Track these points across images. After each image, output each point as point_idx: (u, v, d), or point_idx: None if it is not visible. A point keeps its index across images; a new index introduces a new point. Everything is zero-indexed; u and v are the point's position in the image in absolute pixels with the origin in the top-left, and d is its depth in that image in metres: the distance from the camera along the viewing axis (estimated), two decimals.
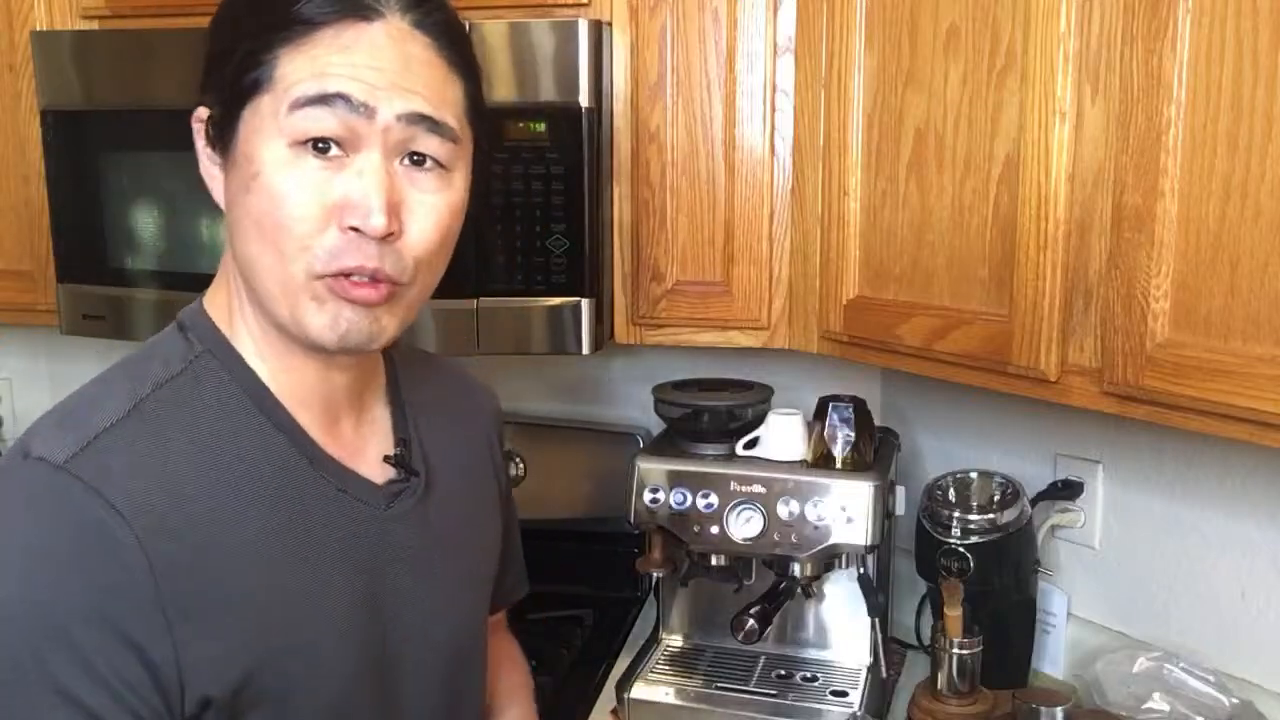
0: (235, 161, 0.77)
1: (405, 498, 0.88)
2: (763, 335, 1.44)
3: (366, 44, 0.74)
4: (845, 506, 1.31)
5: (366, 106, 0.74)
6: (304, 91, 0.73)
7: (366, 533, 0.85)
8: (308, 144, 0.74)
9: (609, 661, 1.56)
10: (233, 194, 0.78)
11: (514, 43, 1.32)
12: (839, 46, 1.29)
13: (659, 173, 1.42)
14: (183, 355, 0.81)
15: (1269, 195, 0.86)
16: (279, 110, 0.74)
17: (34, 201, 1.55)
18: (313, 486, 0.82)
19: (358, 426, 0.88)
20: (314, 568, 0.81)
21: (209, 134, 0.79)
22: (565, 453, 1.80)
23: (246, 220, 0.76)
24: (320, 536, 0.81)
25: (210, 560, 0.75)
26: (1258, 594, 1.26)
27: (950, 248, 1.19)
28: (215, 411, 0.79)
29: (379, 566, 0.85)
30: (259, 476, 0.79)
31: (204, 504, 0.75)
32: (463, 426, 1.01)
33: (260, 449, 0.79)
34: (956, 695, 1.37)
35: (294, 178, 0.74)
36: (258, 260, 0.76)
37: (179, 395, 0.78)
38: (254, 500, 0.78)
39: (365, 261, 0.75)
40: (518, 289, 1.37)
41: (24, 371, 2.04)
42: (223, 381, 0.80)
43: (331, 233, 0.74)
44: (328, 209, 0.74)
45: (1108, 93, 1.00)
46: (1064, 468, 1.46)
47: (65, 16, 1.53)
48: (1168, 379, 0.94)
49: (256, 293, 0.79)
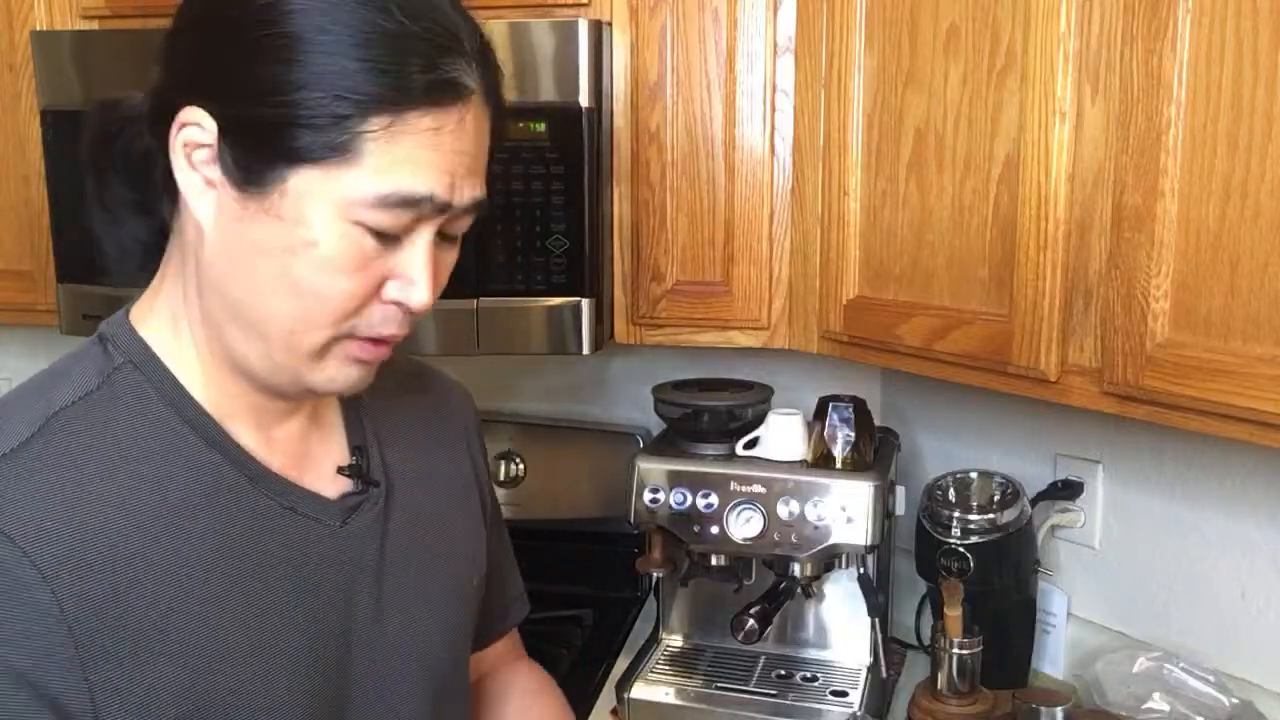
0: (277, 215, 0.69)
1: (364, 511, 0.83)
2: (763, 335, 1.44)
3: (454, 127, 0.70)
4: (845, 506, 1.31)
5: (447, 204, 0.71)
6: (395, 189, 0.68)
7: (321, 552, 0.79)
8: (373, 229, 0.70)
9: (609, 661, 1.56)
10: (257, 241, 0.70)
11: (514, 43, 1.32)
12: (839, 46, 1.29)
13: (659, 173, 1.42)
14: (99, 369, 0.74)
15: (1269, 195, 0.86)
16: (356, 191, 0.68)
17: (34, 201, 1.55)
18: (253, 506, 0.76)
19: (305, 435, 0.82)
20: (260, 595, 0.75)
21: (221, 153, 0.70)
22: (565, 453, 1.80)
23: (280, 279, 0.70)
24: (265, 560, 0.75)
25: (133, 596, 0.68)
26: (1258, 594, 1.26)
27: (950, 248, 1.19)
28: (136, 430, 0.72)
29: (338, 587, 0.80)
30: (189, 499, 0.72)
31: (124, 534, 0.69)
32: (432, 428, 0.95)
33: (190, 469, 0.73)
34: (956, 695, 1.37)
35: (355, 258, 0.70)
36: (275, 315, 0.71)
37: (92, 414, 0.72)
38: (184, 526, 0.72)
39: (399, 330, 0.74)
40: (518, 289, 1.37)
41: (24, 372, 2.01)
42: (145, 396, 0.73)
43: (374, 305, 0.73)
44: (375, 283, 0.72)
45: (1108, 93, 1.00)
46: (1064, 468, 1.46)
47: (65, 16, 1.53)
48: (1168, 379, 0.94)
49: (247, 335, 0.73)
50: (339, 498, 0.82)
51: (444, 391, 1.03)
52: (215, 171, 0.70)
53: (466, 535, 0.96)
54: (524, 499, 1.79)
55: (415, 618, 0.86)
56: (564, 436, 1.82)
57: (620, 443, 1.74)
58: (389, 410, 0.90)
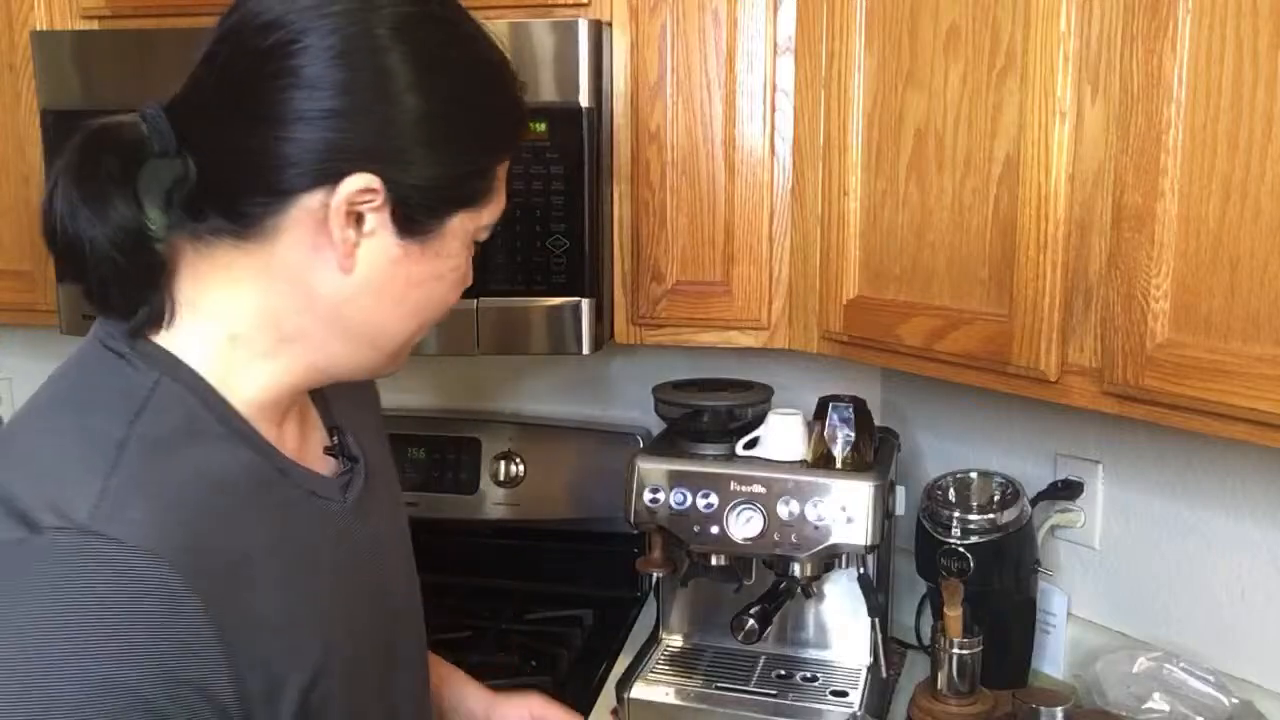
0: (434, 252, 0.80)
1: (355, 485, 0.89)
2: (763, 335, 1.44)
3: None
4: (845, 506, 1.31)
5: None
6: (499, 210, 0.83)
7: (340, 529, 0.85)
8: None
9: (609, 661, 1.55)
10: (410, 275, 0.79)
11: (514, 43, 1.32)
12: (839, 46, 1.29)
13: (659, 173, 1.42)
14: (141, 385, 0.75)
15: (1269, 195, 0.87)
16: (487, 219, 0.83)
17: (34, 201, 1.55)
18: (287, 497, 0.80)
19: (300, 424, 0.87)
20: (314, 572, 0.81)
21: (388, 211, 0.76)
22: (565, 453, 1.80)
23: (425, 300, 0.81)
24: (306, 543, 0.81)
25: (235, 590, 0.72)
26: (1258, 594, 1.26)
27: (950, 248, 1.19)
28: (189, 438, 0.75)
29: (358, 560, 0.87)
30: (244, 497, 0.76)
31: (215, 537, 0.72)
32: (362, 412, 1.00)
33: (238, 470, 0.77)
34: (956, 695, 1.37)
35: (463, 271, 0.84)
36: (405, 331, 0.82)
37: (154, 429, 0.73)
38: (247, 523, 0.76)
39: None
40: (518, 289, 1.37)
41: (24, 371, 2.04)
42: (189, 407, 0.75)
43: None
44: None
45: (1108, 93, 1.00)
46: (1064, 468, 1.46)
47: (65, 16, 1.53)
48: (1168, 379, 0.94)
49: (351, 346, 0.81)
50: (334, 476, 0.88)
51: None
52: (375, 225, 0.77)
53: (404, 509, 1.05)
54: (524, 499, 1.79)
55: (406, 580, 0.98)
56: (564, 436, 1.82)
57: (620, 443, 1.73)
58: (338, 395, 0.95)
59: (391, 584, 0.94)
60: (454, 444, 1.82)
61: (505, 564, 1.81)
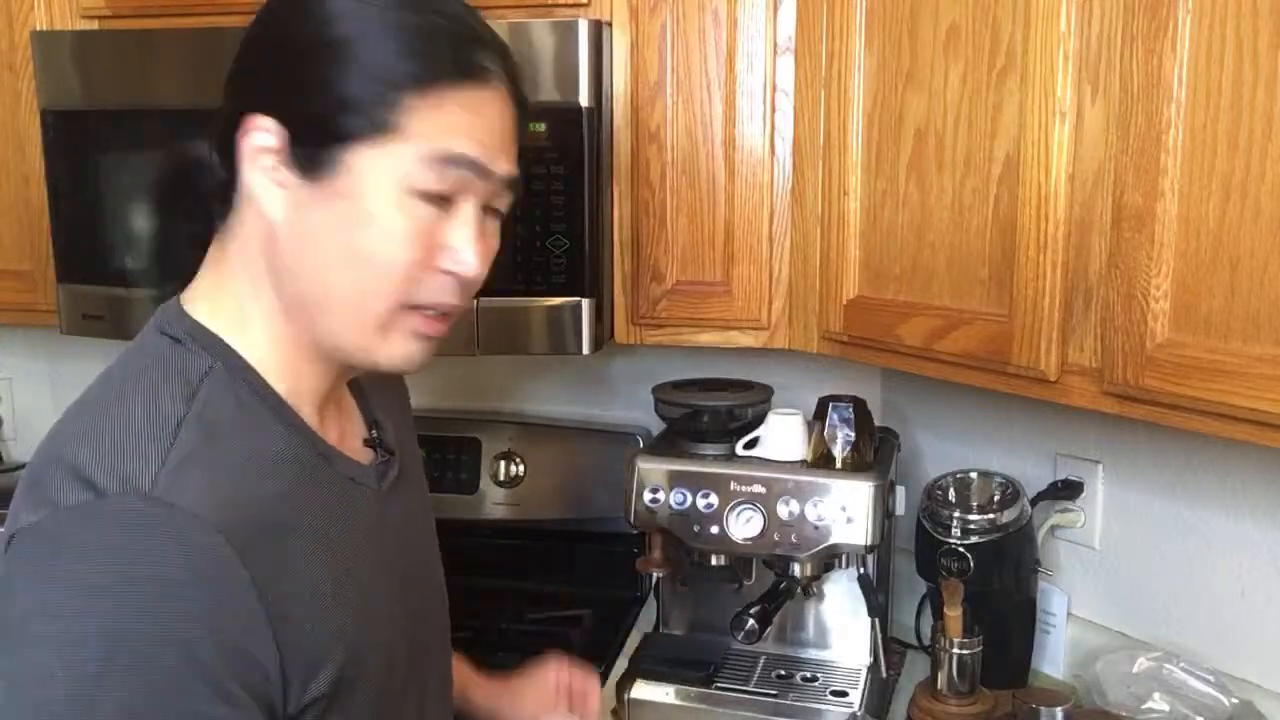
0: (336, 192, 0.77)
1: (389, 476, 0.92)
2: (763, 335, 1.44)
3: (488, 109, 0.80)
4: (845, 506, 1.31)
5: (485, 170, 0.80)
6: (440, 149, 0.77)
7: (378, 515, 0.88)
8: (424, 193, 0.78)
9: (609, 661, 1.55)
10: (323, 221, 0.78)
11: (514, 43, 1.31)
12: (839, 46, 1.29)
13: (659, 173, 1.42)
14: (197, 369, 0.80)
15: (1269, 195, 0.86)
16: (403, 158, 0.77)
17: (34, 201, 1.55)
18: (330, 480, 0.84)
19: (339, 415, 0.91)
20: (355, 552, 0.84)
21: (289, 152, 0.78)
22: (565, 453, 1.80)
23: (343, 251, 0.78)
24: (347, 525, 0.84)
25: (283, 566, 0.76)
26: (1258, 594, 1.26)
27: (950, 248, 1.19)
28: (241, 422, 0.79)
29: (390, 545, 0.89)
30: (291, 480, 0.80)
31: (263, 513, 0.76)
32: (395, 403, 1.04)
33: (285, 453, 0.81)
34: (956, 695, 1.37)
35: (409, 222, 0.78)
36: (338, 290, 0.79)
37: (208, 410, 0.78)
38: (294, 504, 0.79)
39: (452, 299, 0.82)
40: (518, 289, 1.37)
41: (24, 371, 2.04)
42: (240, 391, 0.80)
43: (430, 275, 0.80)
44: (430, 252, 0.79)
45: (1108, 93, 1.00)
46: (1064, 468, 1.46)
47: (65, 16, 1.53)
48: (1168, 379, 0.94)
49: (315, 314, 0.80)
50: (371, 464, 0.90)
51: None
52: (283, 172, 0.78)
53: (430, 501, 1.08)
54: (524, 499, 1.79)
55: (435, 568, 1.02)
56: (564, 436, 1.82)
57: (620, 443, 1.73)
58: (374, 389, 0.99)
59: (420, 570, 0.97)
60: (454, 444, 1.82)
61: (505, 564, 1.81)
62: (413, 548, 0.96)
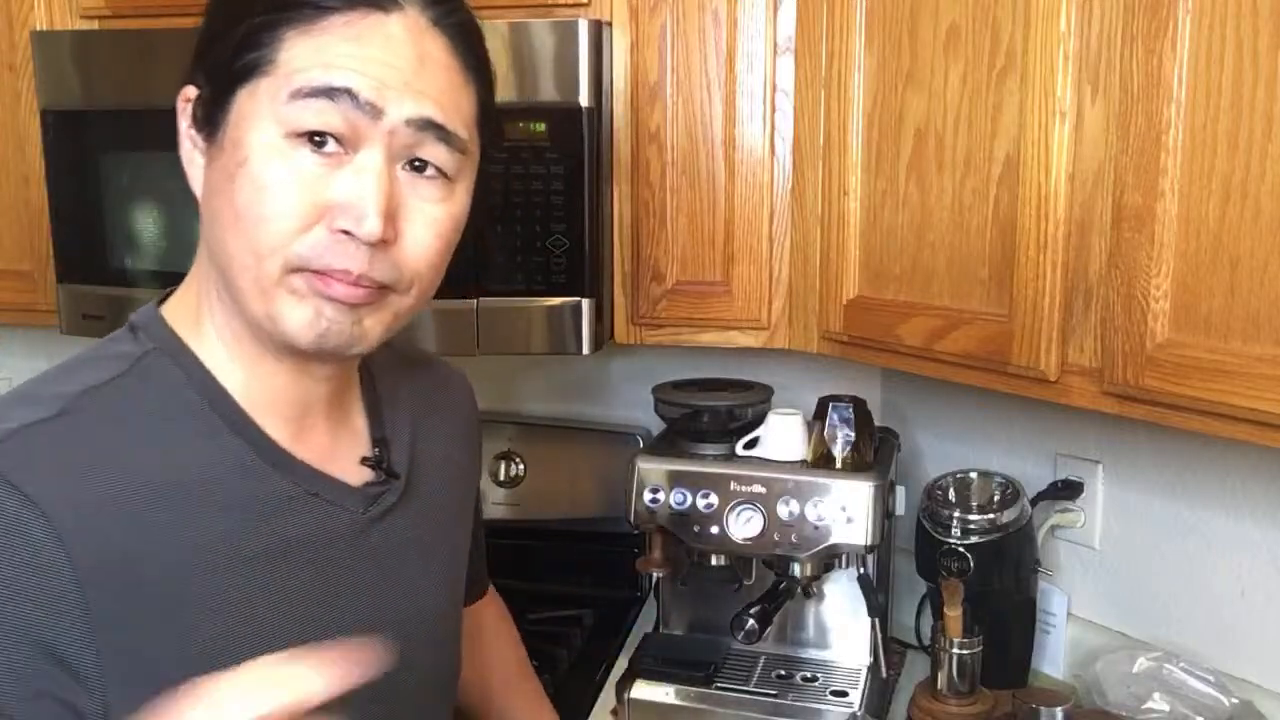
0: (221, 147, 0.72)
1: (385, 500, 0.85)
2: (763, 335, 1.44)
3: (381, 37, 0.70)
4: (845, 506, 1.31)
5: (373, 105, 0.70)
6: (307, 81, 0.69)
7: (344, 537, 0.81)
8: (304, 136, 0.70)
9: (609, 661, 1.55)
10: (215, 182, 0.73)
11: (514, 43, 1.32)
12: (839, 46, 1.29)
13: (659, 173, 1.42)
14: (129, 355, 0.76)
15: (1269, 195, 0.86)
16: (277, 96, 0.69)
17: (34, 201, 1.55)
18: (276, 490, 0.77)
19: (335, 430, 0.84)
20: (282, 576, 0.77)
21: (195, 115, 0.74)
22: (565, 453, 1.80)
23: (227, 210, 0.71)
24: (286, 543, 0.77)
25: (148, 565, 0.70)
26: (1258, 594, 1.26)
27: (950, 248, 1.19)
28: (163, 412, 0.74)
29: (358, 570, 0.82)
30: (212, 481, 0.74)
31: (143, 505, 0.70)
32: (443, 420, 0.97)
33: (215, 452, 0.75)
34: (956, 695, 1.37)
35: (285, 169, 0.70)
36: (235, 254, 0.72)
37: (120, 394, 0.73)
38: (205, 503, 0.73)
39: (350, 265, 0.71)
40: (518, 289, 1.37)
41: (24, 371, 2.02)
42: (175, 383, 0.75)
43: (318, 232, 0.70)
44: (319, 208, 0.70)
45: (1108, 93, 1.00)
46: (1064, 468, 1.46)
47: (65, 16, 1.53)
48: (1168, 379, 0.94)
49: (231, 290, 0.74)
50: (362, 486, 0.84)
51: (452, 381, 1.06)
52: (198, 139, 0.75)
53: (463, 526, 1.01)
54: (524, 499, 1.79)
55: (425, 601, 0.90)
56: (564, 436, 1.82)
57: (620, 443, 1.74)
58: (407, 403, 0.92)
59: (401, 611, 0.87)
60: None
61: (505, 564, 1.80)
62: (397, 582, 0.86)
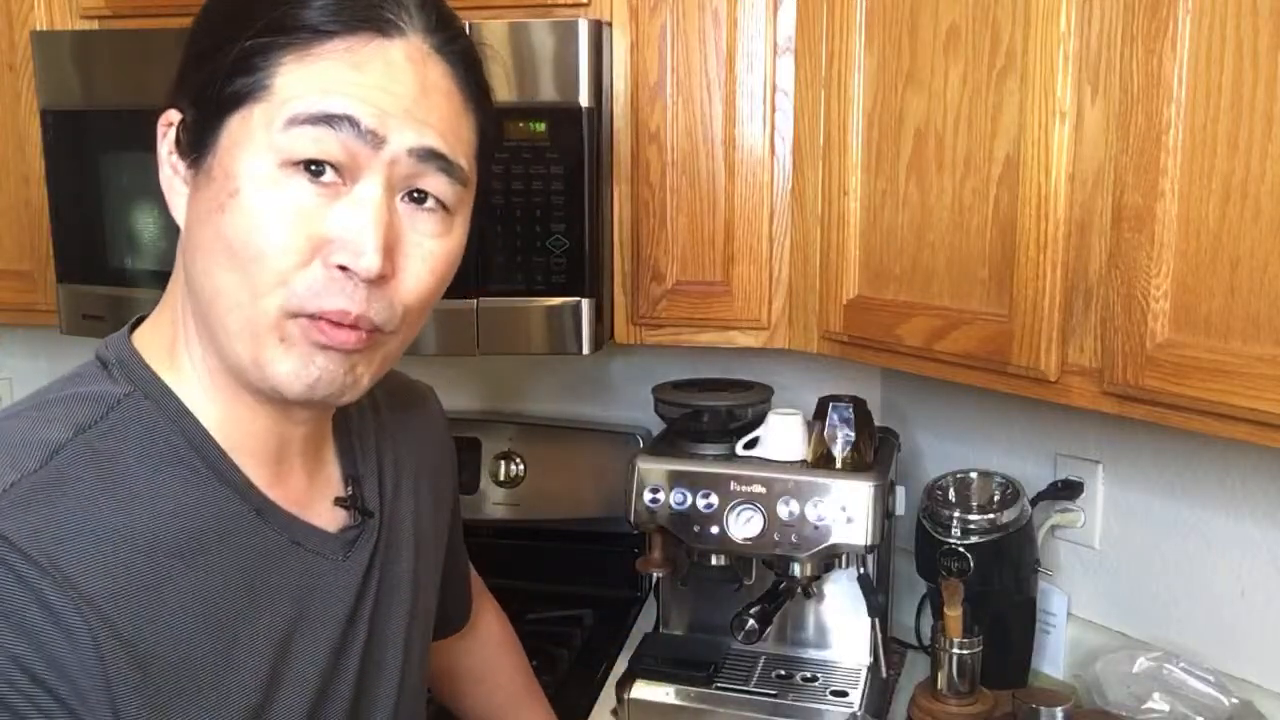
0: (210, 175, 0.68)
1: (362, 543, 0.82)
2: (763, 335, 1.44)
3: (382, 63, 0.67)
4: (845, 506, 1.31)
5: (375, 134, 0.66)
6: (305, 108, 0.65)
7: (326, 584, 0.78)
8: (301, 165, 0.66)
9: (609, 661, 1.55)
10: (201, 212, 0.68)
11: (514, 43, 1.32)
12: (839, 46, 1.29)
13: (659, 173, 1.42)
14: (106, 398, 0.71)
15: (1269, 195, 0.86)
16: (273, 124, 0.66)
17: (34, 201, 1.55)
18: (263, 541, 0.74)
19: (311, 472, 0.81)
20: (271, 628, 0.74)
21: (178, 140, 0.70)
22: (565, 453, 1.80)
23: (216, 244, 0.67)
24: (275, 595, 0.74)
25: (151, 629, 0.66)
26: (1258, 594, 1.26)
27: (950, 248, 1.19)
28: (146, 462, 0.70)
29: (342, 617, 0.79)
30: (200, 533, 0.70)
31: (139, 566, 0.67)
32: (416, 446, 0.94)
33: (202, 503, 0.71)
34: (956, 695, 1.37)
35: (280, 201, 0.66)
36: (223, 291, 0.67)
37: (103, 444, 0.69)
38: (198, 560, 0.70)
39: (349, 306, 0.67)
40: (518, 289, 1.37)
41: (24, 371, 2.04)
42: (156, 427, 0.71)
43: (314, 268, 0.67)
44: (314, 241, 0.66)
45: (1108, 93, 1.00)
46: (1064, 468, 1.46)
47: (65, 16, 1.53)
48: (1168, 379, 0.94)
49: (213, 328, 0.70)
50: (339, 531, 0.81)
51: (423, 403, 1.02)
52: (181, 165, 0.71)
53: (436, 562, 0.97)
54: (524, 499, 1.79)
55: (399, 643, 0.87)
56: (564, 436, 1.82)
57: (620, 443, 1.74)
58: (377, 429, 0.89)
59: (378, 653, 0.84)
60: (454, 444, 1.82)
61: (505, 564, 1.80)
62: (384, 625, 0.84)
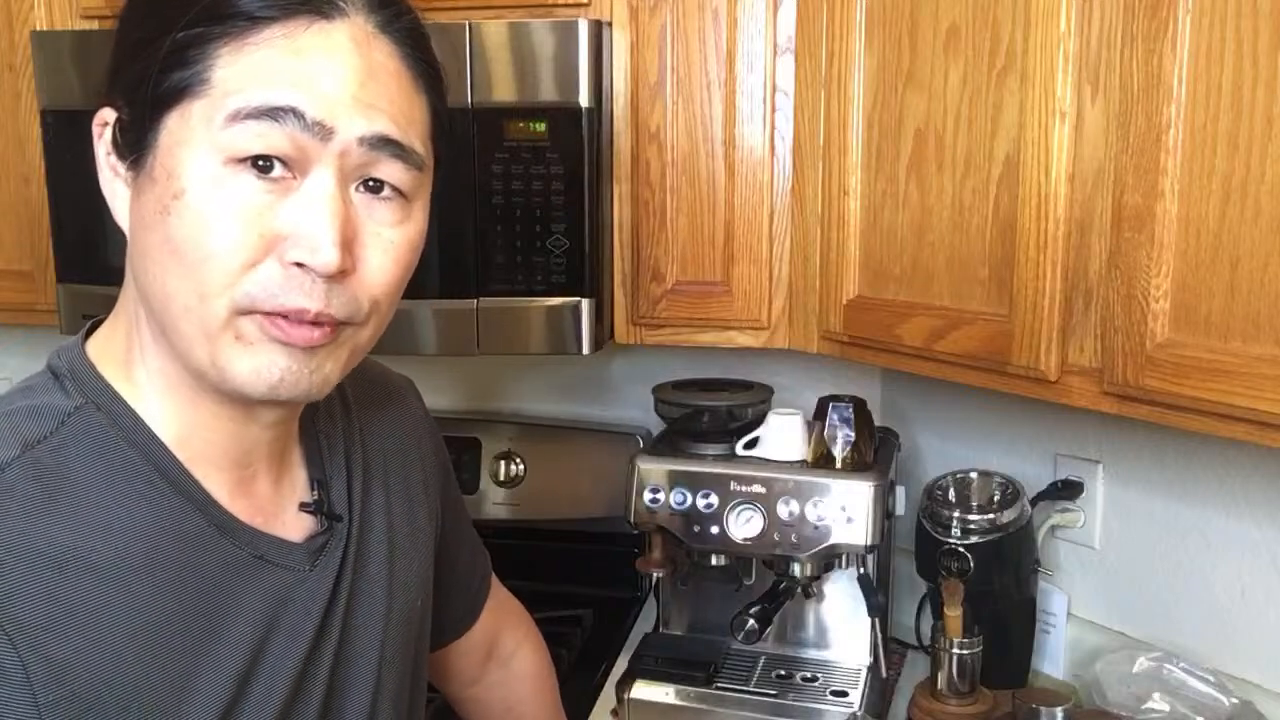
0: (152, 177, 0.65)
1: (331, 551, 0.79)
2: (763, 335, 1.44)
3: (324, 48, 0.64)
4: (845, 506, 1.31)
5: (322, 125, 0.63)
6: (246, 101, 0.62)
7: (294, 597, 0.75)
8: (246, 161, 0.63)
9: (609, 661, 1.55)
10: (145, 215, 0.65)
11: (514, 43, 1.32)
12: (839, 46, 1.29)
13: (659, 173, 1.42)
14: (57, 412, 0.68)
15: (1269, 195, 0.86)
16: (213, 120, 0.62)
17: (34, 201, 1.55)
18: (223, 557, 0.71)
19: (277, 477, 0.77)
20: (238, 645, 0.71)
21: (115, 140, 0.67)
22: (565, 453, 1.80)
23: (163, 248, 0.64)
24: (240, 611, 0.71)
25: (99, 654, 0.63)
26: (1257, 594, 1.26)
27: (950, 248, 1.19)
28: (98, 477, 0.67)
29: (311, 630, 0.76)
30: (157, 550, 0.67)
31: (90, 589, 0.64)
32: (388, 441, 0.90)
33: (157, 518, 0.68)
34: (956, 695, 1.37)
35: (228, 200, 0.63)
36: (174, 296, 0.64)
37: (52, 460, 0.66)
38: (153, 579, 0.67)
39: (308, 303, 0.64)
40: (518, 289, 1.37)
41: (24, 371, 2.02)
42: (109, 441, 0.68)
43: (269, 266, 0.64)
44: (268, 239, 0.64)
45: (1108, 93, 1.00)
46: (1064, 468, 1.46)
47: (65, 16, 1.53)
48: (1168, 379, 0.94)
49: (169, 333, 0.67)
50: (305, 540, 0.78)
51: (399, 397, 0.96)
52: (120, 165, 0.68)
53: (422, 561, 0.92)
54: (524, 499, 1.79)
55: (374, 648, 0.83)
56: (564, 436, 1.82)
57: (620, 443, 1.74)
58: (347, 432, 0.85)
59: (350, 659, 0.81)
60: (454, 444, 1.82)
61: (505, 564, 1.79)
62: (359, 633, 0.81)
